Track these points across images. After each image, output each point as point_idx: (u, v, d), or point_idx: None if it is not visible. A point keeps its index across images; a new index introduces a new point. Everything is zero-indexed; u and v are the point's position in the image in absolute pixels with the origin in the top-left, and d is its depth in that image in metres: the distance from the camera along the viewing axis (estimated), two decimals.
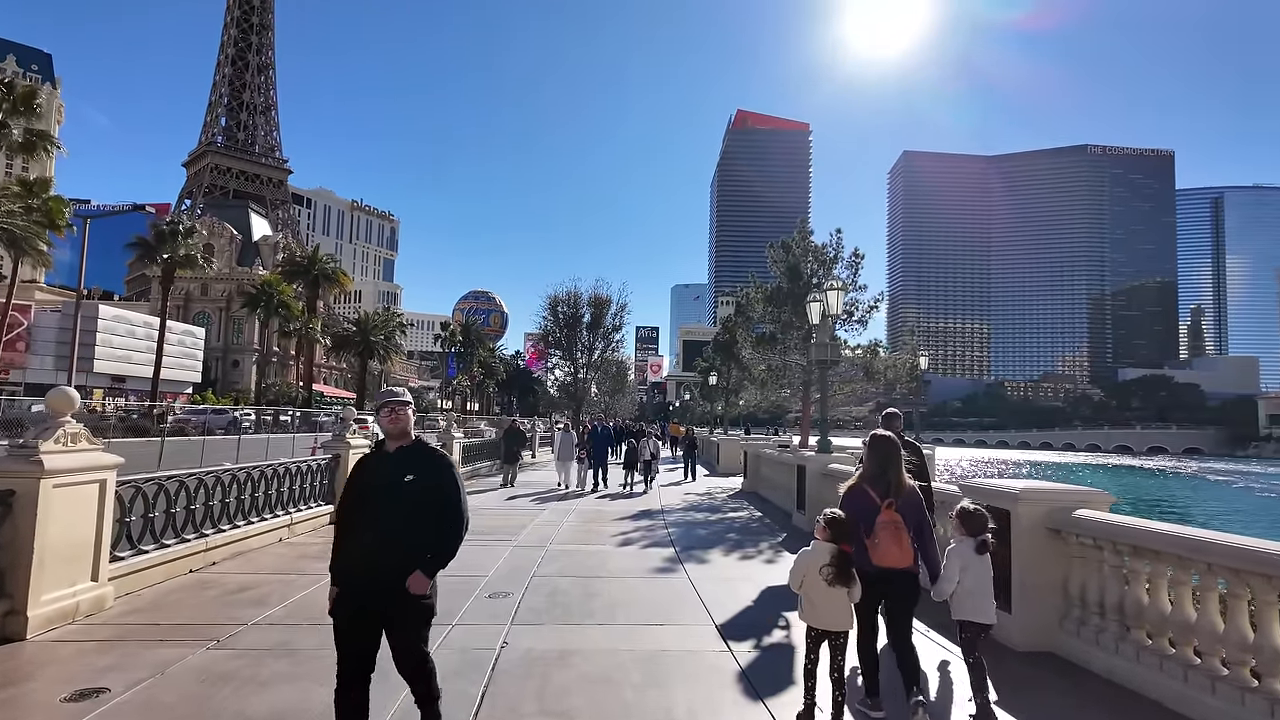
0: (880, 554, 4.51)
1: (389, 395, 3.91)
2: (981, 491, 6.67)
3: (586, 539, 11.61)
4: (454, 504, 3.79)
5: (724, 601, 7.64)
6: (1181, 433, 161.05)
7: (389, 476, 3.71)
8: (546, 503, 16.24)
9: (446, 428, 20.90)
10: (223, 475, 9.63)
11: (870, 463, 4.89)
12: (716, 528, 13.42)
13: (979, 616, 4.74)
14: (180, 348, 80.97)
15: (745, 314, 24.21)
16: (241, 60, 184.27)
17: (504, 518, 13.77)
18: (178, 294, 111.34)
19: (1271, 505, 47.64)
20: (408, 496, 3.67)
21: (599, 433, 20.34)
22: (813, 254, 23.89)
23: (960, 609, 4.78)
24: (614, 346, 38.43)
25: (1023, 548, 6.19)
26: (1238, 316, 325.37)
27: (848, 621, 4.38)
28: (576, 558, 9.97)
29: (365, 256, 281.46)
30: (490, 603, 7.40)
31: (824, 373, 12.72)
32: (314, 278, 58.57)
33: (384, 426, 3.84)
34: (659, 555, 10.33)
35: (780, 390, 24.98)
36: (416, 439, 3.90)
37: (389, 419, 3.82)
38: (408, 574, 3.58)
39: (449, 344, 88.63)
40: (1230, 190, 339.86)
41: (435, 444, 4.00)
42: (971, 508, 4.95)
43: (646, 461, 20.18)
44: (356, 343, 64.88)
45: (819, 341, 12.83)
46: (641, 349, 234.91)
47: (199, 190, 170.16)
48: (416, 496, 3.68)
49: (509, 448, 20.58)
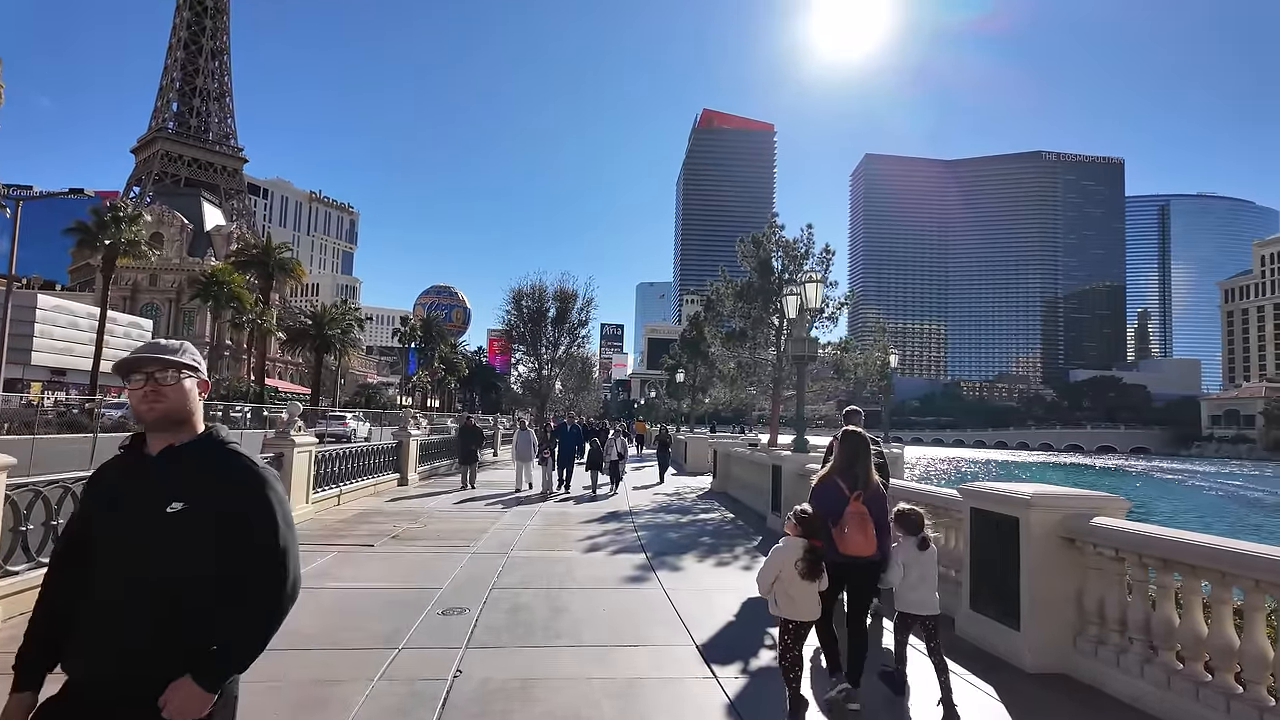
0: (847, 543, 4.72)
1: (147, 352, 2.18)
2: (988, 496, 6.12)
3: (551, 545, 10.85)
4: (270, 554, 2.11)
5: (702, 617, 6.98)
6: (1129, 432, 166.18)
7: (143, 502, 2.07)
8: (508, 506, 15.26)
9: (405, 422, 19.68)
10: None
11: (840, 456, 5.12)
12: (688, 531, 12.79)
13: (923, 609, 4.96)
14: (126, 340, 77.55)
15: (715, 309, 23.59)
16: (195, 44, 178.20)
17: (462, 521, 12.91)
18: (124, 284, 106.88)
19: (1221, 504, 48.97)
20: (174, 537, 2.03)
21: (567, 431, 19.09)
22: (783, 249, 23.46)
23: (904, 602, 5.01)
24: (580, 342, 37.73)
25: (1033, 558, 5.64)
26: (1181, 321, 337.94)
27: (818, 611, 4.59)
28: (540, 566, 9.21)
29: (324, 249, 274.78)
30: (443, 621, 6.60)
31: (802, 368, 12.16)
32: (268, 268, 56.34)
33: (136, 408, 2.16)
34: (629, 562, 9.63)
35: (749, 388, 24.48)
36: (206, 432, 2.23)
37: (143, 396, 2.13)
38: (166, 683, 1.94)
39: (408, 339, 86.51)
40: (1176, 198, 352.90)
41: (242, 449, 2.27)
42: (906, 509, 5.18)
43: (614, 462, 19.09)
44: (312, 336, 62.82)
45: (796, 336, 12.27)
46: (606, 346, 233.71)
47: (148, 177, 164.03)
48: (192, 537, 2.04)
49: (465, 447, 19.18)
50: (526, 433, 19.12)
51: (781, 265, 23.08)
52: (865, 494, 4.88)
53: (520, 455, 18.49)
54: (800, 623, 4.53)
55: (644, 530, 12.53)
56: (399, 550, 10.00)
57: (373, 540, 10.59)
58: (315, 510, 12.90)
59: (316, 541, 10.39)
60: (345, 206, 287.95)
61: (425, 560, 9.29)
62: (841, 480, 4.96)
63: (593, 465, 18.81)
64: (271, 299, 65.75)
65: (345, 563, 9.08)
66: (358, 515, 13.17)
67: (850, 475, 4.96)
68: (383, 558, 9.48)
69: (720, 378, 25.36)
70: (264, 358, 60.20)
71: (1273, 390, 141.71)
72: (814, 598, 4.51)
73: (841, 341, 23.81)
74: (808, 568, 4.41)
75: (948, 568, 7.22)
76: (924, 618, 4.95)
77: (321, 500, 13.56)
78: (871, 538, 4.75)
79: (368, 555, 9.60)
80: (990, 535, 6.09)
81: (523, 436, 18.85)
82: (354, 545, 10.20)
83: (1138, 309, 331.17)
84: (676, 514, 15.05)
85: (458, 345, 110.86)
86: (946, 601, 5.95)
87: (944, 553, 7.42)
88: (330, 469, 14.29)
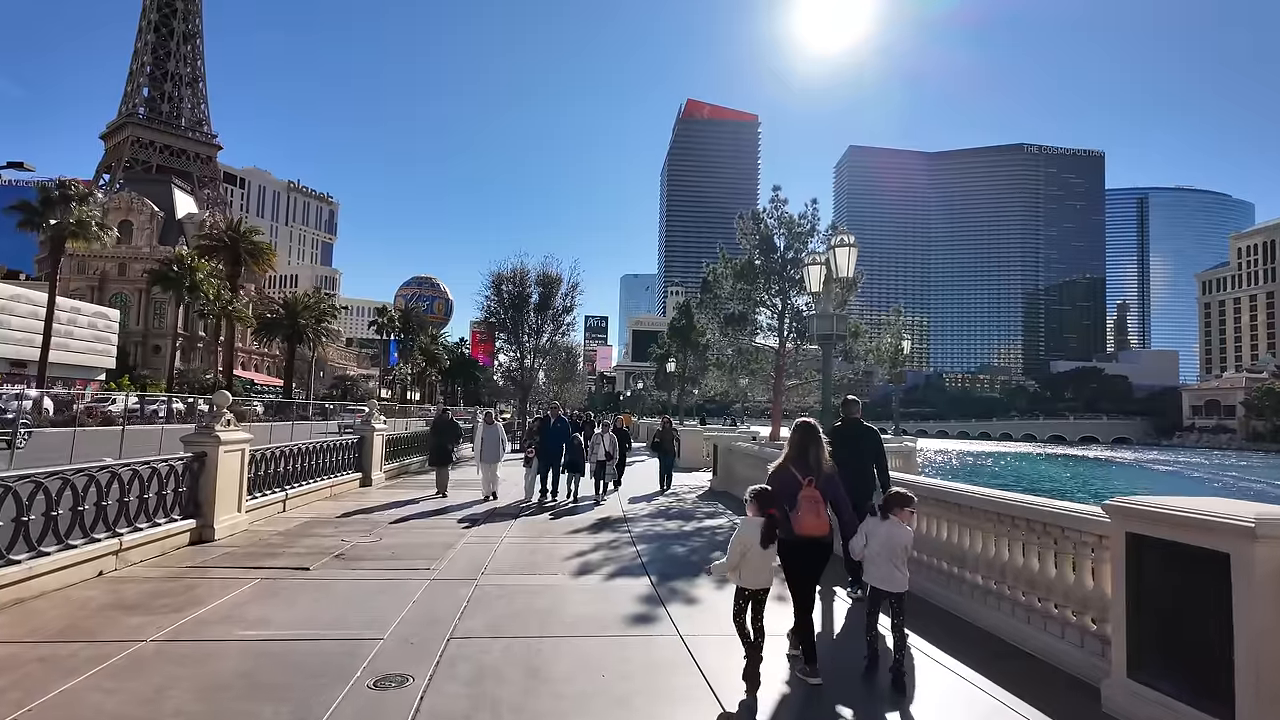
0: (801, 524, 5.02)
1: None
2: (1170, 519, 4.19)
3: (531, 565, 8.81)
4: None
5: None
6: (1111, 423, 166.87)
7: None
8: (483, 514, 12.95)
9: (368, 416, 17.44)
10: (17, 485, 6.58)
11: (793, 446, 5.43)
12: (695, 543, 10.80)
13: (887, 585, 5.28)
14: (92, 330, 74.24)
15: (712, 291, 21.53)
16: (166, 27, 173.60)
17: (425, 533, 10.83)
18: (92, 274, 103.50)
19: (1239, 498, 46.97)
20: None
21: (552, 426, 15.10)
22: (786, 226, 21.55)
23: (872, 577, 5.38)
24: (564, 330, 35.43)
25: (1263, 616, 3.74)
26: (1159, 313, 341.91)
27: (771, 580, 5.06)
28: (518, 599, 7.17)
29: (302, 240, 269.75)
30: (372, 702, 4.56)
31: (828, 351, 10.25)
32: (237, 253, 53.43)
33: None
34: (630, 592, 7.64)
35: (750, 376, 22.51)
36: None
37: None
38: None
39: (385, 329, 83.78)
40: (1154, 191, 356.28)
41: None
42: (901, 491, 5.61)
43: (600, 463, 15.82)
44: (284, 326, 60.10)
45: (822, 312, 10.33)
46: (591, 338, 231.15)
47: (119, 164, 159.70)
48: None
49: (440, 445, 15.82)
50: (493, 428, 15.37)
51: (785, 243, 21.17)
52: (818, 479, 5.19)
53: (486, 456, 15.11)
54: (758, 590, 4.99)
55: (643, 543, 10.55)
56: (339, 575, 7.95)
57: (310, 561, 8.53)
58: (251, 520, 10.80)
59: (238, 564, 8.33)
60: (324, 197, 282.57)
61: (369, 592, 7.25)
62: (794, 468, 5.26)
63: (574, 468, 15.42)
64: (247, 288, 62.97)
65: (265, 596, 7.03)
66: (303, 525, 11.08)
67: (802, 463, 5.27)
68: (316, 588, 7.42)
69: (717, 366, 23.37)
70: (233, 348, 57.42)
71: (1253, 381, 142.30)
72: (770, 567, 5.01)
73: (850, 325, 21.84)
74: (764, 535, 4.86)
75: (1080, 610, 5.37)
76: (891, 594, 5.27)
77: (261, 507, 11.45)
78: (824, 519, 5.07)
79: (298, 584, 7.53)
80: (1170, 575, 4.19)
81: (489, 433, 15.24)
82: (284, 569, 8.14)
83: (1117, 301, 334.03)
84: (678, 520, 13.05)
85: (439, 336, 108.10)
86: (1083, 659, 5.29)
87: (1069, 589, 5.56)
88: (273, 469, 12.18)
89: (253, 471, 11.42)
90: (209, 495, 9.59)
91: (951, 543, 7.35)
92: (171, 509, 9.07)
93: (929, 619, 6.68)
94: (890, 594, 5.25)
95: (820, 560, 5.18)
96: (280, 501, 12.30)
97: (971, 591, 6.89)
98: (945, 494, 7.47)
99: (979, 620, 6.60)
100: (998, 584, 6.51)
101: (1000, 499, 6.62)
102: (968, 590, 6.95)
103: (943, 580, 7.39)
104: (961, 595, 7.02)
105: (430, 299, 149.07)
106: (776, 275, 20.75)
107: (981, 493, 6.99)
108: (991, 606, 6.54)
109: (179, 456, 9.39)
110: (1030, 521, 6.05)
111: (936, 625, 6.51)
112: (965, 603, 6.91)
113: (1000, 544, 6.54)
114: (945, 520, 7.51)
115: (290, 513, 12.32)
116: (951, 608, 7.05)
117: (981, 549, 6.84)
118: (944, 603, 7.20)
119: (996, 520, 6.57)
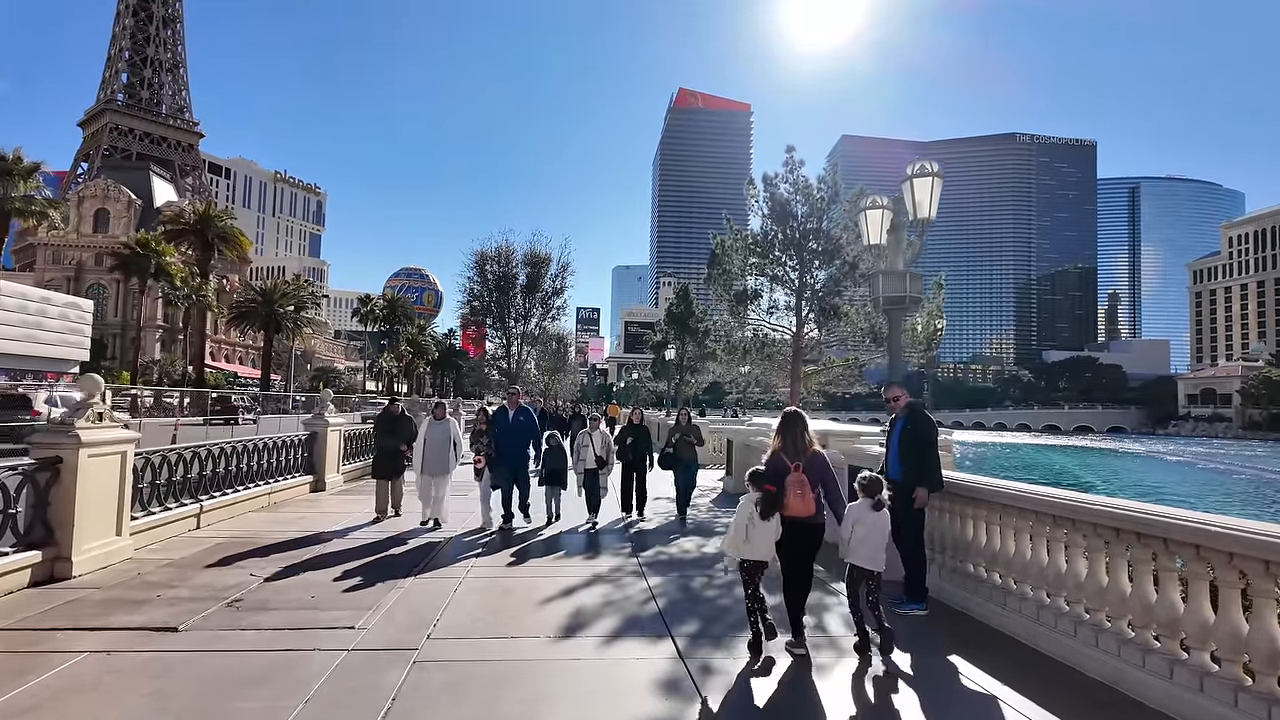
0: (787, 505, 5.36)
1: None
2: None
3: (502, 622, 6.13)
4: None
5: None
6: (1106, 412, 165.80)
7: None
8: (420, 552, 8.84)
9: (320, 409, 14.84)
10: None
11: (780, 433, 5.68)
12: (725, 578, 7.61)
13: (870, 564, 5.49)
14: (64, 321, 71.21)
15: (720, 265, 18.88)
16: (144, 11, 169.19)
17: (359, 568, 7.95)
18: (68, 263, 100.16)
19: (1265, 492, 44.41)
20: None
21: (514, 422, 10.68)
22: (802, 192, 19.03)
23: (853, 555, 5.56)
24: (554, 314, 32.52)
25: None
26: (1150, 302, 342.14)
27: (771, 553, 5.45)
28: (477, 688, 4.66)
29: (289, 230, 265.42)
30: None
31: (898, 320, 7.82)
32: (206, 238, 50.34)
33: None
34: (648, 669, 5.10)
35: (767, 361, 19.94)
36: None
37: None
38: None
39: (368, 319, 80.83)
40: (1145, 180, 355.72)
41: None
42: (869, 477, 5.66)
43: (591, 471, 11.00)
44: (261, 314, 57.14)
45: (890, 269, 7.86)
46: (582, 330, 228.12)
47: (97, 152, 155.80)
48: None
49: (386, 451, 11.39)
50: (443, 425, 10.88)
51: (803, 213, 18.65)
52: (804, 463, 5.45)
53: (428, 466, 10.56)
54: (756, 561, 5.41)
55: (655, 574, 7.95)
56: (217, 641, 5.38)
57: (188, 614, 5.98)
58: (139, 545, 8.24)
59: (81, 619, 5.77)
60: (312, 187, 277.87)
61: (247, 678, 4.68)
62: (784, 454, 5.54)
63: (552, 480, 11.03)
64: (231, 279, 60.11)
65: (78, 688, 4.49)
66: (210, 551, 8.49)
67: (791, 449, 5.54)
68: (169, 666, 4.84)
69: (727, 351, 20.79)
70: (204, 337, 54.49)
71: (1249, 369, 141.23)
72: (770, 540, 5.39)
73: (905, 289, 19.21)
74: (764, 508, 5.30)
75: None
76: (870, 572, 5.50)
77: (160, 526, 8.88)
78: (809, 501, 5.36)
79: (147, 659, 4.97)
80: None
81: (434, 433, 10.72)
82: (141, 629, 5.59)
83: (1108, 290, 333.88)
84: (695, 538, 10.39)
85: (426, 327, 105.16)
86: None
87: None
88: (181, 476, 9.60)
89: (150, 479, 8.87)
90: (64, 516, 7.01)
91: (1052, 566, 5.71)
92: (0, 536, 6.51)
93: (1020, 662, 5.45)
94: (870, 572, 5.49)
95: (807, 539, 5.48)
96: (193, 516, 9.73)
97: (1074, 628, 5.38)
98: (1043, 502, 5.75)
99: (1085, 668, 5.17)
100: (1112, 619, 5.11)
101: (1140, 512, 4.62)
102: (1067, 625, 5.45)
103: (1032, 611, 5.85)
104: (1060, 632, 5.50)
105: (420, 290, 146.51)
106: (795, 247, 18.22)
107: (1095, 501, 5.37)
108: (1107, 650, 5.02)
109: (16, 465, 6.80)
110: (1184, 544, 3.99)
111: (1031, 673, 5.19)
112: (1066, 644, 5.40)
113: (1121, 567, 5.06)
114: (1045, 537, 5.82)
115: (207, 530, 9.76)
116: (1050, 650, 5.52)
117: (1089, 574, 5.35)
118: (1034, 639, 5.74)
119: (1138, 541, 4.81)
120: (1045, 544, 5.77)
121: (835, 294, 18.35)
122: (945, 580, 7.00)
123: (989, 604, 6.27)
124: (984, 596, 6.38)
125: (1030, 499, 5.82)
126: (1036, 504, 5.74)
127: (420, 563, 8.25)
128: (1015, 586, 6.11)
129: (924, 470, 6.54)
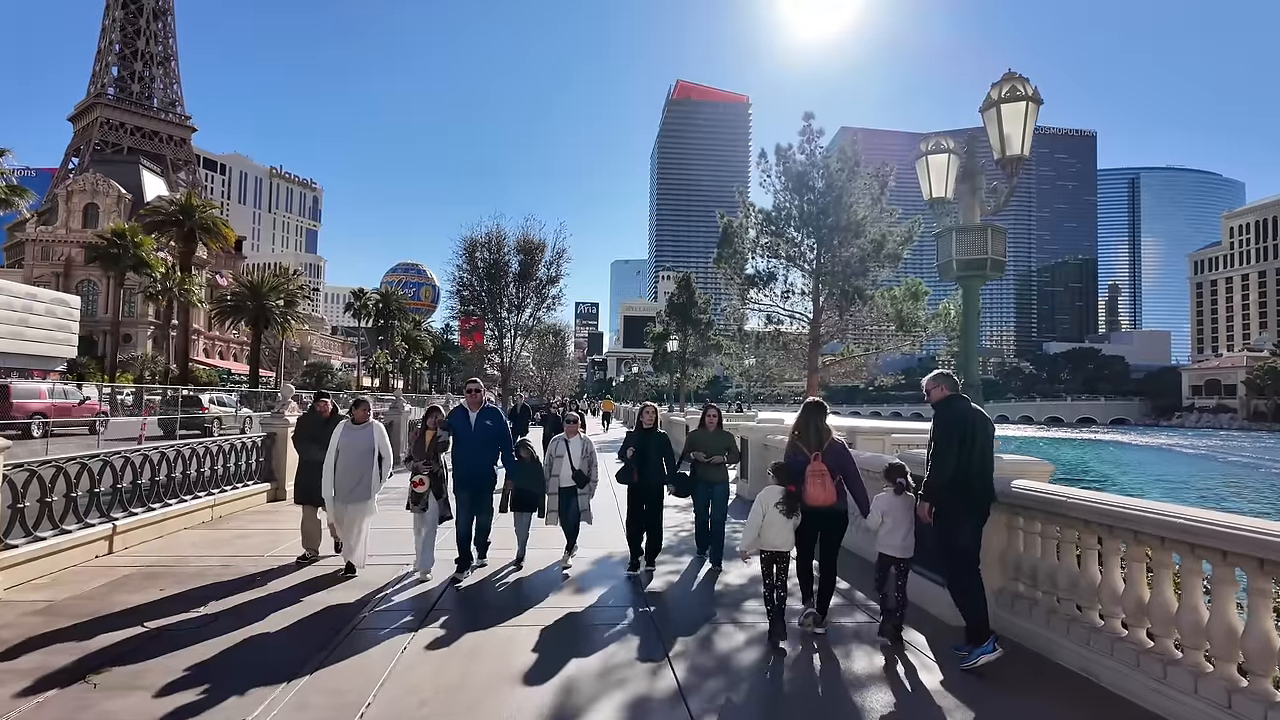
0: (808, 495, 5.51)
1: None
2: None
3: None
4: None
5: None
6: (1109, 404, 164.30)
7: None
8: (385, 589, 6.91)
9: (282, 405, 13.03)
10: None
11: (799, 424, 5.84)
12: (786, 657, 5.25)
13: (895, 551, 5.56)
14: (50, 318, 69.29)
15: (731, 245, 17.10)
16: (135, 3, 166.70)
17: (277, 630, 5.76)
18: (57, 259, 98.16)
19: None
20: None
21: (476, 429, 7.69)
22: (819, 166, 17.31)
23: (884, 545, 5.62)
24: (549, 305, 30.50)
25: None
26: (1151, 293, 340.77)
27: (791, 544, 5.60)
28: None
29: (286, 226, 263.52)
30: None
31: (973, 290, 6.15)
32: (188, 229, 48.42)
33: None
34: None
35: (783, 350, 18.19)
36: None
37: None
38: None
39: (361, 313, 79.02)
40: (1145, 171, 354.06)
41: None
42: (890, 463, 5.86)
43: (568, 489, 8.04)
44: (248, 308, 55.29)
45: (965, 225, 6.17)
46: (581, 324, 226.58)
47: (87, 147, 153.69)
48: None
49: (305, 465, 8.16)
50: (362, 430, 7.69)
51: (820, 188, 16.89)
52: (823, 453, 5.60)
53: (340, 490, 7.44)
54: (774, 552, 5.52)
55: (679, 655, 5.22)
56: None
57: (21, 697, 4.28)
58: (10, 583, 6.51)
59: None
60: (308, 183, 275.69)
61: None
62: (803, 444, 5.71)
63: (521, 504, 8.03)
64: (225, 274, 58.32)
65: None
66: (100, 590, 6.66)
67: (808, 439, 5.70)
68: None
69: (736, 341, 19.06)
70: (188, 332, 52.62)
71: (1254, 360, 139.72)
72: (789, 532, 5.53)
73: (908, 284, 17.49)
74: (787, 508, 5.48)
75: None
76: (899, 559, 5.56)
77: (54, 553, 7.11)
78: (830, 490, 5.52)
79: None
80: None
81: (349, 441, 7.55)
82: None
83: (1108, 281, 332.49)
84: (727, 582, 7.46)
85: (422, 322, 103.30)
86: None
87: None
88: (83, 489, 7.84)
89: (39, 496, 7.14)
90: None
91: None
92: None
93: None
94: (899, 559, 5.55)
95: (831, 524, 5.68)
96: (105, 539, 7.98)
97: None
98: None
99: None
100: None
101: None
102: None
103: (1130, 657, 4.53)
104: None
105: (417, 285, 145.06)
106: (813, 223, 16.50)
107: None
108: None
109: None
110: None
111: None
112: None
113: None
114: None
115: (123, 554, 8.02)
116: None
117: None
118: None
119: None
120: None
121: (861, 274, 16.57)
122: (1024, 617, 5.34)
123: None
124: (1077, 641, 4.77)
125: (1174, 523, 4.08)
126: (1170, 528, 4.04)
127: (373, 599, 6.47)
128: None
129: (932, 476, 5.25)
